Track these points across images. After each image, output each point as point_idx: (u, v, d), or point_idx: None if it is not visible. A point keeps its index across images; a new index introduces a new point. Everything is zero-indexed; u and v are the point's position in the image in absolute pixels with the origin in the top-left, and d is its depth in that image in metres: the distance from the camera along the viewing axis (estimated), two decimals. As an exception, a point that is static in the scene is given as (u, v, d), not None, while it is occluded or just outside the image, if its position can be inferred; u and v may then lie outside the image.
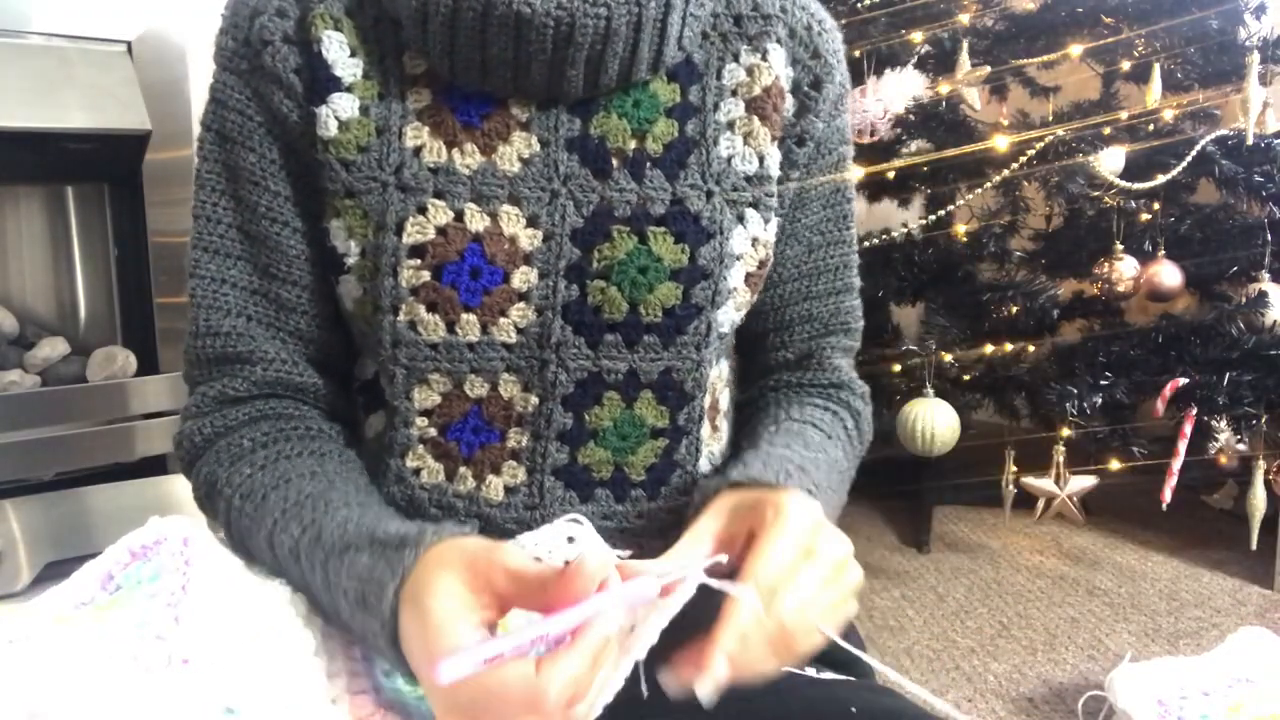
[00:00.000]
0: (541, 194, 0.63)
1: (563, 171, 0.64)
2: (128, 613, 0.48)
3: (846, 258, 0.75)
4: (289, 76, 0.63)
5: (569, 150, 0.64)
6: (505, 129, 0.63)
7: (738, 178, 0.67)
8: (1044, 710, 1.49)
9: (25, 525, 1.49)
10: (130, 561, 0.54)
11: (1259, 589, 1.89)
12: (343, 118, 0.62)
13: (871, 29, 1.99)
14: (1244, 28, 1.85)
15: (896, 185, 2.17)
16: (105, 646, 0.44)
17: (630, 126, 0.64)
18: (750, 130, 0.67)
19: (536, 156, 0.63)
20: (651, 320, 0.64)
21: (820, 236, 0.73)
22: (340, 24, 0.63)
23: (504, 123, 0.63)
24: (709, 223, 0.65)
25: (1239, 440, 1.77)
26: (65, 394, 1.53)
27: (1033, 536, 2.19)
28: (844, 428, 0.73)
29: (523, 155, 0.63)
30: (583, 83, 0.63)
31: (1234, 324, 1.77)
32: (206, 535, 0.56)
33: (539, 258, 0.62)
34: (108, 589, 0.53)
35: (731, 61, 0.68)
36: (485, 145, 0.63)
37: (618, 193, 0.64)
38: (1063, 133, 1.83)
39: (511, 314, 0.62)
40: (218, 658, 0.46)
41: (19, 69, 1.47)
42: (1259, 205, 1.83)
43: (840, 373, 0.76)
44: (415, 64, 0.64)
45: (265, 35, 0.63)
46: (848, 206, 0.75)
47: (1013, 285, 1.96)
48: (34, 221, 1.69)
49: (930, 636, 1.73)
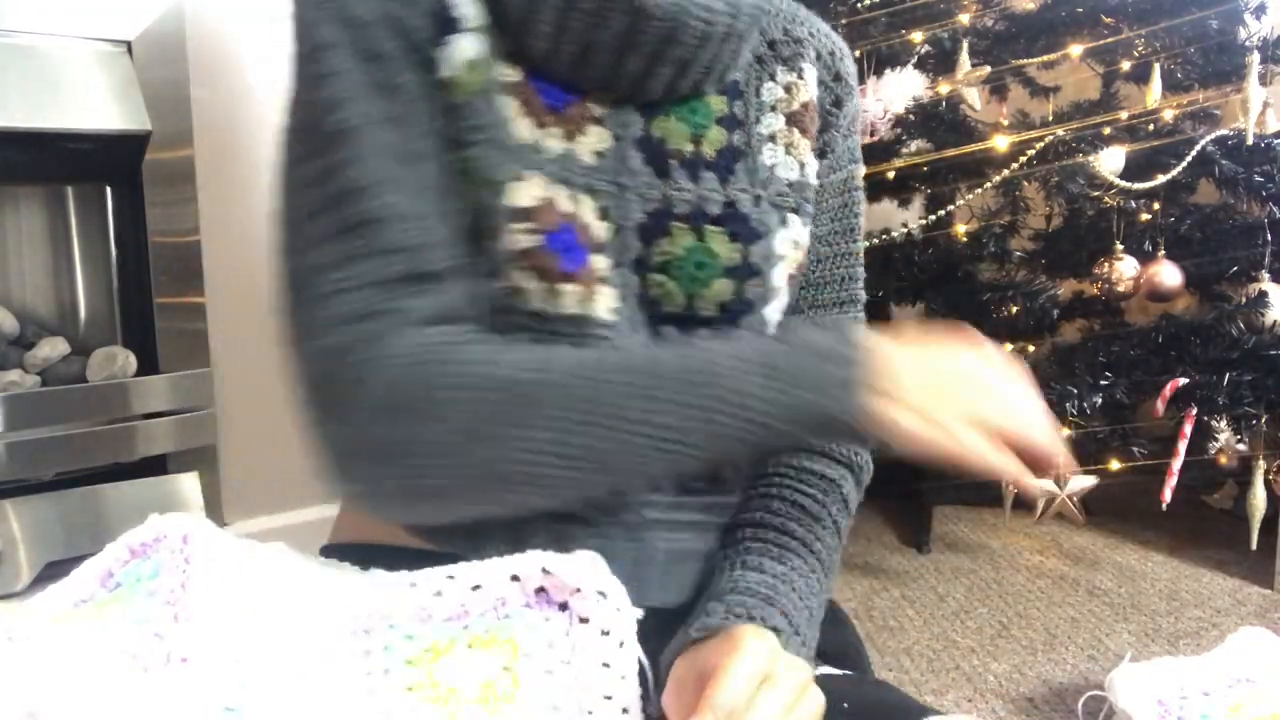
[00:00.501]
0: (612, 187, 0.64)
1: (631, 168, 0.65)
2: (127, 610, 0.48)
3: (853, 270, 0.78)
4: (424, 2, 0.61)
5: (636, 149, 0.66)
6: (583, 120, 0.65)
7: (781, 184, 0.70)
8: (1044, 710, 1.49)
9: (25, 525, 1.49)
10: (130, 559, 0.54)
11: (1259, 589, 1.89)
12: (462, 59, 0.60)
13: (871, 29, 1.99)
14: (1244, 28, 1.85)
15: (896, 185, 2.17)
16: (104, 645, 0.44)
17: (688, 130, 0.67)
18: (791, 141, 0.71)
19: (610, 152, 0.65)
20: (709, 315, 0.66)
21: (828, 248, 0.77)
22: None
23: (582, 114, 0.65)
24: (758, 224, 0.68)
25: (1239, 440, 1.77)
26: (65, 394, 1.53)
27: (1033, 536, 2.19)
28: (844, 501, 0.73)
29: (597, 149, 0.65)
30: (666, 84, 0.65)
31: (1234, 324, 1.77)
32: (207, 532, 0.56)
33: (610, 249, 0.64)
34: (107, 586, 0.53)
35: (769, 80, 0.72)
36: (567, 132, 0.64)
37: (677, 192, 0.66)
38: (1063, 133, 1.83)
39: (600, 295, 0.63)
40: (217, 656, 0.46)
41: (19, 69, 1.47)
42: (1259, 205, 1.83)
43: None
44: (509, 39, 0.63)
45: None
46: (855, 221, 0.79)
47: (1013, 285, 1.96)
48: (34, 221, 1.69)
49: (930, 636, 1.73)
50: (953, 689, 1.55)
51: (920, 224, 2.02)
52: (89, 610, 0.50)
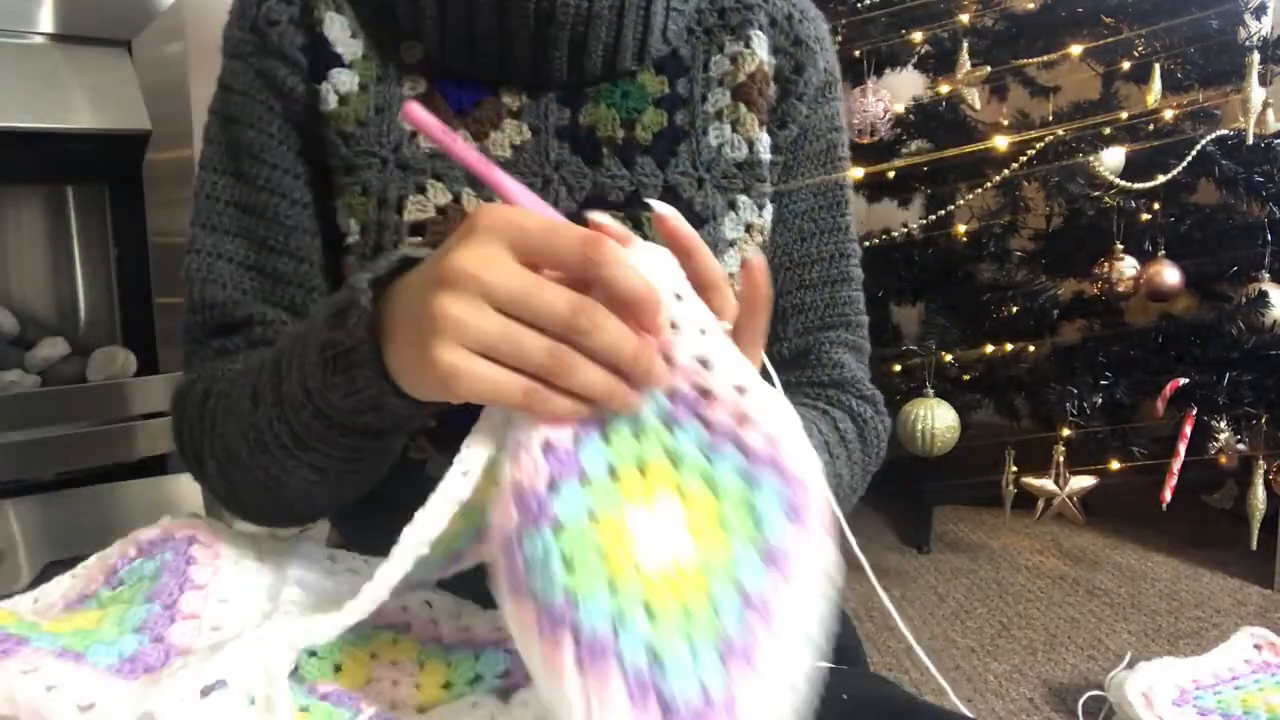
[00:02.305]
0: (534, 179, 0.64)
1: (554, 158, 0.65)
2: (126, 611, 0.48)
3: (842, 246, 0.73)
4: (294, 53, 0.65)
5: (559, 138, 0.65)
6: (496, 116, 0.65)
7: (728, 165, 0.67)
8: (1044, 710, 1.49)
9: (25, 525, 1.49)
10: (136, 556, 0.54)
11: (1259, 589, 1.89)
12: (342, 91, 0.64)
13: (871, 29, 1.98)
14: (1244, 28, 1.85)
15: (896, 185, 2.17)
16: (99, 647, 0.44)
17: (619, 116, 0.66)
18: (738, 117, 0.67)
19: (528, 144, 0.65)
20: None
21: (812, 224, 0.72)
22: (341, 8, 0.65)
23: (495, 110, 0.65)
24: (701, 208, 0.66)
25: (1239, 440, 1.77)
26: (65, 394, 1.53)
27: (1033, 536, 2.19)
28: (835, 428, 0.68)
29: (514, 142, 0.65)
30: (567, 66, 0.64)
31: (1234, 324, 1.77)
32: (215, 535, 0.56)
33: None
34: (110, 583, 0.53)
35: (717, 53, 0.68)
36: (478, 132, 0.64)
37: (610, 179, 0.65)
38: (1063, 133, 1.83)
39: None
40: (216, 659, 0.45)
41: (19, 69, 1.47)
42: (1259, 205, 1.83)
43: (842, 370, 0.72)
44: (411, 52, 0.66)
45: (272, 17, 0.65)
46: (841, 194, 0.73)
47: (1013, 285, 1.96)
48: (34, 221, 1.69)
49: (930, 636, 1.73)
50: (953, 689, 1.55)
51: (920, 224, 2.02)
52: (90, 608, 0.50)
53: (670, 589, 0.40)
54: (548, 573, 0.38)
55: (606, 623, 0.38)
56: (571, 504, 0.40)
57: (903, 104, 2.04)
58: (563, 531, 0.39)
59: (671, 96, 0.67)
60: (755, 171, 0.68)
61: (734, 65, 0.68)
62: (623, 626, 0.38)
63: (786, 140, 0.70)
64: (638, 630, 0.38)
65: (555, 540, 0.39)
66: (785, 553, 0.41)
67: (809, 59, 0.70)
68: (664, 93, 0.67)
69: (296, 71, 0.65)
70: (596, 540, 0.39)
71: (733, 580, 0.40)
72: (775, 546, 0.41)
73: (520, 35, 0.62)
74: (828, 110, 0.72)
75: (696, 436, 0.43)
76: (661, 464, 0.42)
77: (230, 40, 0.68)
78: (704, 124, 0.67)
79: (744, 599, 0.40)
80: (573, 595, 0.38)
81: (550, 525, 0.39)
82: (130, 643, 0.45)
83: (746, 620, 0.40)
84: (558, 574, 0.38)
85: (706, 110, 0.67)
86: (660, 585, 0.39)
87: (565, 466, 0.40)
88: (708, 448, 0.43)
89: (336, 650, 0.49)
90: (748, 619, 0.40)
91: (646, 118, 0.66)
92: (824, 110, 0.71)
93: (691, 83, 0.67)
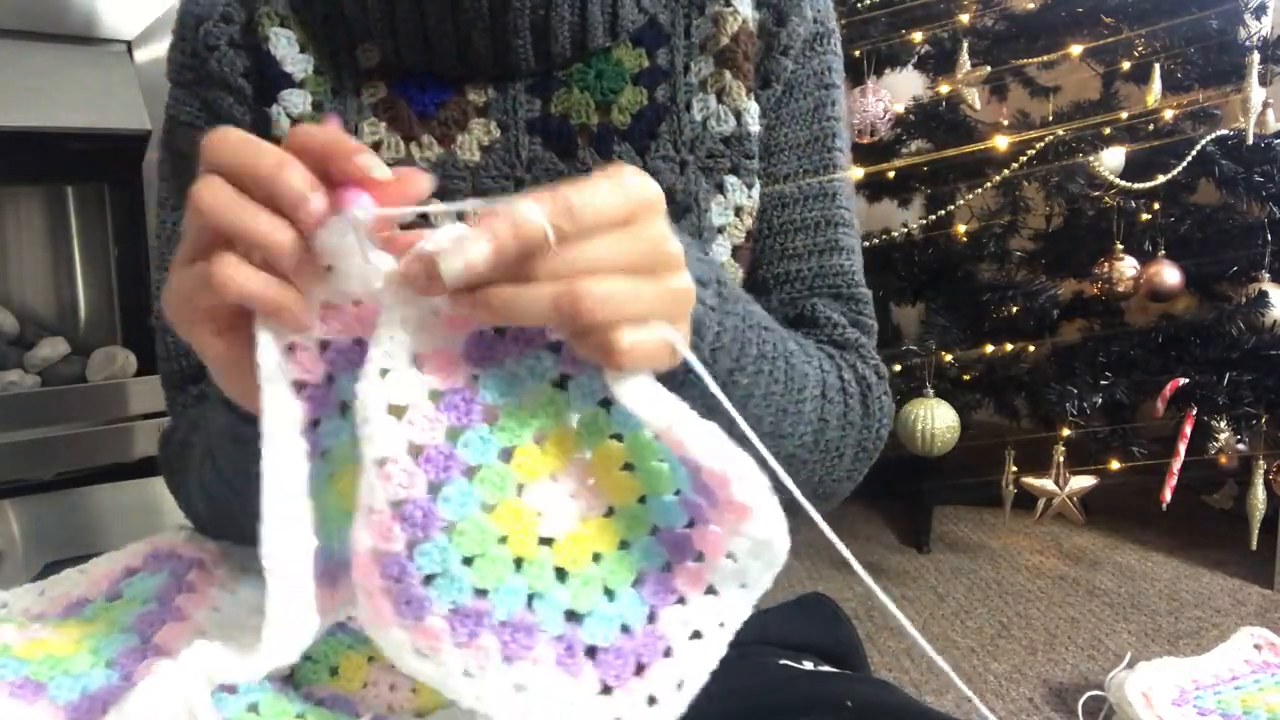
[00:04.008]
0: (505, 183, 0.61)
1: (525, 157, 0.61)
2: (108, 636, 0.47)
3: (830, 213, 0.66)
4: (237, 80, 0.62)
5: (530, 133, 0.62)
6: (463, 116, 0.61)
7: (714, 141, 0.62)
8: (1044, 710, 1.49)
9: (25, 525, 1.49)
10: (140, 568, 0.54)
11: (1259, 589, 1.88)
12: (294, 114, 0.61)
13: (871, 29, 1.99)
14: (1244, 28, 1.85)
15: (896, 185, 2.17)
16: (64, 680, 0.43)
17: (593, 99, 0.61)
18: (723, 86, 0.62)
19: (497, 144, 0.61)
20: None
21: (797, 189, 0.66)
22: (287, 21, 0.62)
23: (461, 110, 0.61)
24: (683, 195, 0.61)
25: (1239, 440, 1.77)
26: (65, 394, 1.53)
27: (1033, 536, 2.19)
28: (839, 376, 0.61)
29: (483, 143, 0.61)
30: (533, 53, 0.60)
31: (1234, 324, 1.77)
32: (218, 559, 0.55)
33: None
34: (109, 594, 0.52)
35: (698, 15, 0.63)
36: (444, 135, 0.61)
37: (585, 173, 0.62)
38: (1063, 133, 1.83)
39: None
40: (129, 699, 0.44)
41: (19, 69, 1.46)
42: (1259, 205, 1.83)
43: (840, 330, 0.65)
44: (368, 56, 0.62)
45: (210, 41, 0.62)
46: (829, 156, 0.66)
47: (1013, 285, 1.96)
48: (34, 221, 1.69)
49: (930, 636, 1.73)
50: (953, 689, 1.55)
51: (920, 224, 2.02)
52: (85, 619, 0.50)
53: (579, 545, 0.40)
54: (450, 577, 0.38)
55: (521, 602, 0.38)
56: (460, 502, 0.38)
57: (903, 104, 2.05)
58: (457, 531, 0.38)
59: (651, 70, 0.62)
60: (744, 146, 0.62)
61: (716, 27, 0.62)
62: (539, 599, 0.38)
63: (770, 100, 0.64)
64: (553, 597, 0.39)
65: (451, 542, 0.38)
66: (691, 480, 0.41)
67: (793, 8, 0.63)
68: (643, 67, 0.62)
69: (242, 100, 0.62)
70: (495, 529, 0.39)
71: (638, 517, 0.41)
72: (681, 476, 0.41)
73: (477, 26, 0.58)
74: (817, 64, 0.66)
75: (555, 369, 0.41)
76: (561, 432, 0.41)
77: (173, 64, 0.65)
78: (687, 97, 0.62)
79: (652, 531, 0.41)
80: (482, 589, 0.38)
81: (442, 529, 0.38)
82: (98, 677, 0.44)
83: (656, 549, 0.41)
84: (461, 575, 0.38)
85: (690, 81, 0.62)
86: (569, 546, 0.40)
87: (443, 466, 0.39)
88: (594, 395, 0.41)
89: (333, 653, 0.49)
90: (657, 548, 0.41)
91: (624, 98, 0.61)
92: (812, 64, 0.65)
93: (673, 52, 0.62)
